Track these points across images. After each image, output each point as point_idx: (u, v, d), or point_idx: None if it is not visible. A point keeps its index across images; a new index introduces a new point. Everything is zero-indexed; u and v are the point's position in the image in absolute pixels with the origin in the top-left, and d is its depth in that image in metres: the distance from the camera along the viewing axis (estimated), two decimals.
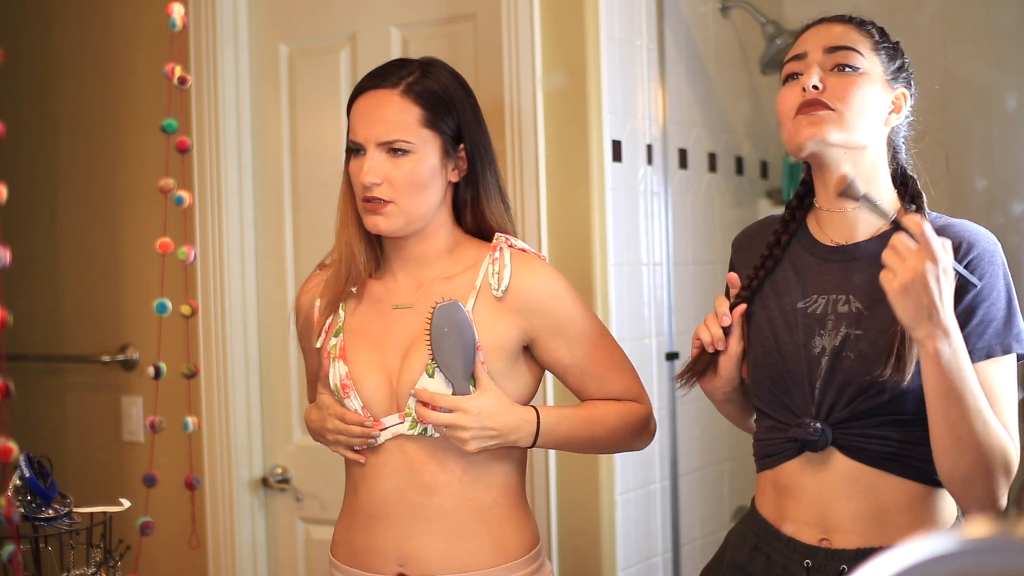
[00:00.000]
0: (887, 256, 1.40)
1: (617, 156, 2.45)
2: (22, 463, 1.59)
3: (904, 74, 1.60)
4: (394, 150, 1.67)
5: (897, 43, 1.61)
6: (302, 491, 2.79)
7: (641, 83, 2.54)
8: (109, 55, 2.98)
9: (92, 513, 1.65)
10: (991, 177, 2.74)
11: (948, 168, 2.91)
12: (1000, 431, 1.42)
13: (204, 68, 2.77)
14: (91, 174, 3.04)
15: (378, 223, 1.69)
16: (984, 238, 1.52)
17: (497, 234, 1.75)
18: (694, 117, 2.78)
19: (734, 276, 1.67)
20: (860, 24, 1.59)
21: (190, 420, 1.91)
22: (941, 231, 1.51)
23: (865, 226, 1.57)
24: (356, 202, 1.73)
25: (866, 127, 1.53)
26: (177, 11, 1.78)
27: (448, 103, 1.70)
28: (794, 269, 1.61)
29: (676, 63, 2.70)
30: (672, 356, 2.60)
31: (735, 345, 1.63)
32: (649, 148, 2.57)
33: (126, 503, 1.71)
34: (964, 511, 1.49)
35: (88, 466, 2.96)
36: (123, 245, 2.96)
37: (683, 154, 2.74)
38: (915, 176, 1.60)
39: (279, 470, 2.81)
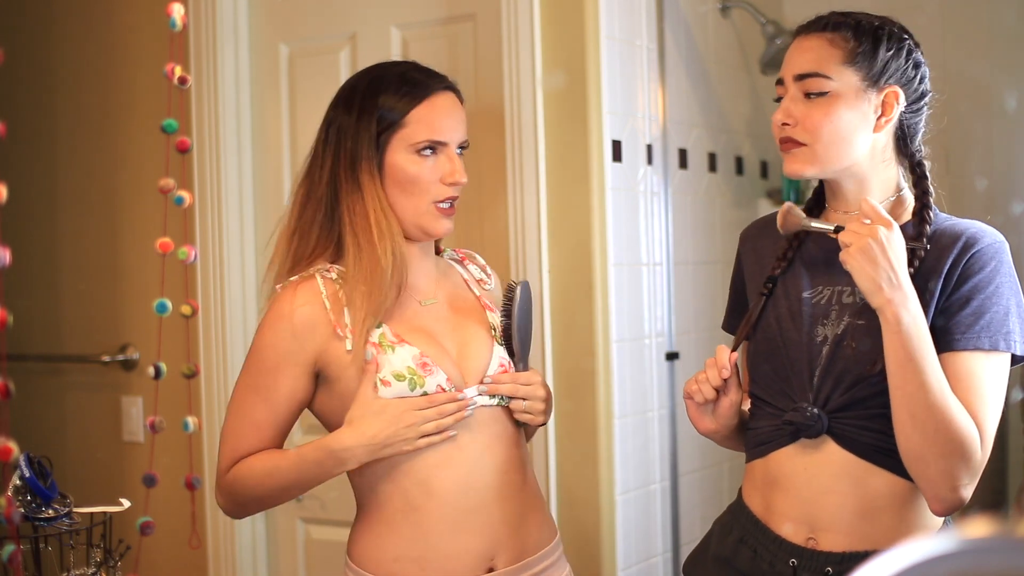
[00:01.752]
0: (844, 235, 1.46)
1: (617, 156, 2.45)
2: (22, 463, 1.59)
3: (897, 68, 1.54)
4: (461, 148, 1.70)
5: (883, 35, 1.55)
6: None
7: (641, 83, 2.54)
8: (109, 55, 2.98)
9: (92, 513, 1.65)
10: (991, 177, 2.74)
11: (948, 168, 2.90)
12: (962, 417, 1.42)
13: (204, 68, 2.77)
14: (91, 174, 3.04)
15: (450, 226, 1.70)
16: (988, 235, 1.52)
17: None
18: (694, 117, 2.78)
19: (732, 357, 1.62)
20: (836, 28, 1.54)
21: (190, 420, 1.91)
22: (948, 229, 1.53)
23: None
24: (412, 203, 1.66)
25: (845, 150, 1.53)
26: (177, 11, 1.78)
27: None
28: (803, 262, 1.62)
29: (676, 63, 2.70)
30: (672, 356, 2.60)
31: (734, 394, 1.63)
32: (649, 148, 2.57)
33: (126, 503, 1.71)
34: (925, 496, 1.48)
35: (88, 466, 2.96)
36: (123, 245, 2.96)
37: (683, 154, 2.74)
38: (924, 169, 1.59)
39: None
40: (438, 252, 1.81)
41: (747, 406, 1.68)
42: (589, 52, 2.40)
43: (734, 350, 1.62)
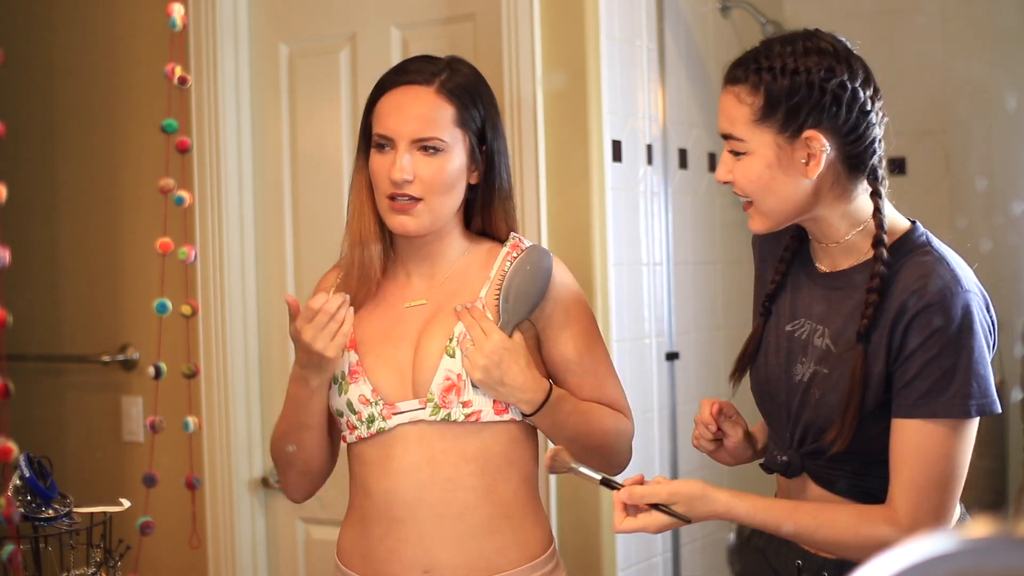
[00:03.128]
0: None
1: (617, 156, 2.45)
2: (22, 463, 1.59)
3: (812, 109, 1.41)
4: (426, 148, 1.64)
5: (786, 81, 1.41)
6: None
7: (641, 83, 2.54)
8: (109, 55, 2.98)
9: (92, 513, 1.65)
10: (991, 177, 2.74)
11: (948, 168, 2.91)
12: (871, 543, 1.38)
13: (204, 68, 2.77)
14: (91, 174, 3.03)
15: (405, 223, 1.65)
16: (942, 295, 1.37)
17: (512, 233, 1.75)
18: (694, 117, 2.78)
19: (714, 411, 1.65)
20: (740, 81, 1.45)
21: (190, 420, 1.91)
22: (912, 267, 1.41)
23: (846, 255, 1.51)
24: (375, 199, 1.69)
25: (784, 201, 1.46)
26: (177, 11, 1.78)
27: (477, 102, 1.69)
28: (791, 289, 1.59)
29: (676, 63, 2.70)
30: (672, 356, 2.60)
31: (734, 434, 1.66)
32: (649, 148, 2.57)
33: (126, 503, 1.71)
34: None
35: (88, 466, 2.96)
36: (123, 245, 2.96)
37: (683, 154, 2.74)
38: (879, 197, 1.47)
39: None
40: (503, 240, 1.75)
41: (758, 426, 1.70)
42: (589, 52, 2.40)
43: (734, 379, 1.64)
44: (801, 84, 1.42)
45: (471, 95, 1.68)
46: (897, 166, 3.02)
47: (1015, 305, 2.63)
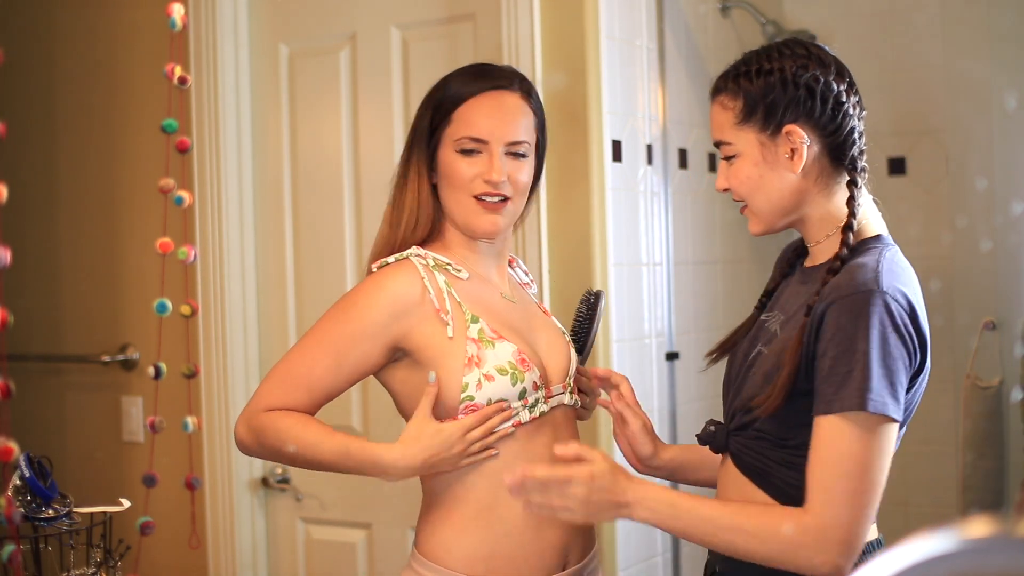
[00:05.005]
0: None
1: (617, 156, 2.45)
2: (22, 463, 1.59)
3: (788, 103, 1.49)
4: (515, 153, 1.69)
5: (760, 80, 1.50)
6: (302, 491, 2.79)
7: (641, 83, 2.55)
8: (109, 55, 2.98)
9: (92, 513, 1.65)
10: (991, 177, 2.74)
11: (948, 168, 2.90)
12: (764, 532, 1.41)
13: (204, 68, 2.77)
14: (91, 174, 3.04)
15: (497, 222, 1.69)
16: (855, 290, 1.40)
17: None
18: (694, 117, 2.78)
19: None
20: (721, 91, 1.56)
21: (190, 420, 1.91)
22: (851, 265, 1.45)
23: (824, 253, 1.55)
24: (455, 198, 1.69)
25: (773, 199, 1.52)
26: (177, 11, 1.78)
27: (541, 110, 1.77)
28: (783, 286, 1.66)
29: (676, 63, 2.70)
30: (672, 356, 2.60)
31: (632, 422, 1.71)
32: (649, 148, 2.57)
33: (126, 503, 1.71)
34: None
35: (88, 466, 2.96)
36: (123, 245, 2.96)
37: (683, 154, 2.74)
38: (854, 192, 1.51)
39: (279, 470, 2.81)
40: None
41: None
42: (589, 52, 2.40)
43: (708, 358, 1.69)
44: (775, 82, 1.50)
45: (539, 103, 1.77)
46: (897, 166, 3.02)
47: (1015, 305, 2.63)
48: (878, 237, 1.52)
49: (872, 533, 1.50)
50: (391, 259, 1.68)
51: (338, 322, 1.66)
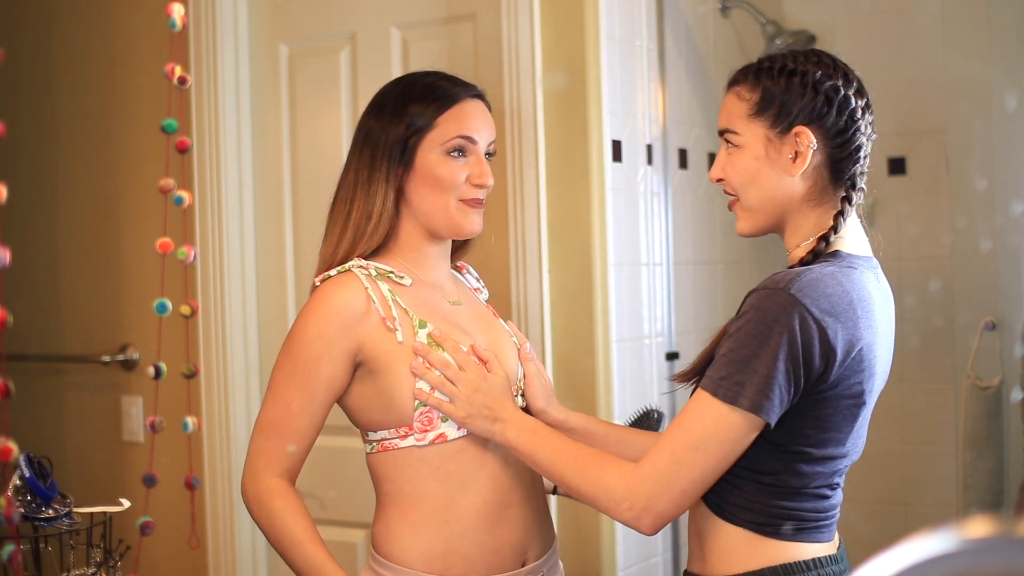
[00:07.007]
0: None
1: (617, 156, 2.45)
2: (22, 463, 1.59)
3: (803, 106, 1.50)
4: (489, 154, 1.75)
5: (783, 78, 1.51)
6: (302, 491, 2.77)
7: (641, 83, 2.55)
8: (109, 55, 2.98)
9: (92, 513, 1.65)
10: (991, 177, 2.74)
11: (948, 168, 2.90)
12: (598, 477, 1.48)
13: (204, 68, 2.77)
14: (91, 174, 3.04)
15: (480, 221, 1.73)
16: (766, 285, 1.44)
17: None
18: (694, 117, 2.78)
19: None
20: (740, 82, 1.55)
21: (190, 420, 1.91)
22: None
23: (795, 259, 1.56)
24: (441, 201, 1.70)
25: (762, 195, 1.53)
26: (177, 11, 1.78)
27: None
28: None
29: (676, 63, 2.70)
30: (672, 356, 2.60)
31: (531, 373, 1.77)
32: (649, 148, 2.57)
33: (126, 503, 1.71)
34: None
35: (88, 466, 2.96)
36: (123, 245, 2.96)
37: (683, 154, 2.74)
38: (845, 208, 1.52)
39: None
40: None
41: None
42: (589, 52, 2.40)
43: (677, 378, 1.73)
44: (797, 83, 1.51)
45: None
46: (897, 166, 3.02)
47: (1015, 305, 2.63)
48: (836, 253, 1.51)
49: (830, 548, 1.51)
50: (333, 272, 1.69)
51: (296, 350, 1.67)
